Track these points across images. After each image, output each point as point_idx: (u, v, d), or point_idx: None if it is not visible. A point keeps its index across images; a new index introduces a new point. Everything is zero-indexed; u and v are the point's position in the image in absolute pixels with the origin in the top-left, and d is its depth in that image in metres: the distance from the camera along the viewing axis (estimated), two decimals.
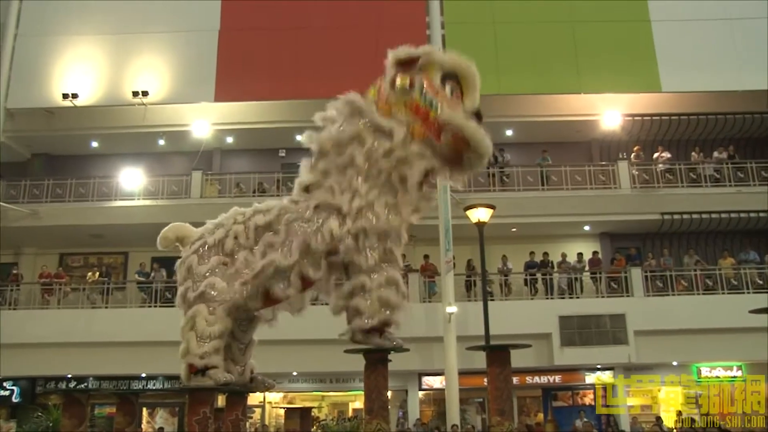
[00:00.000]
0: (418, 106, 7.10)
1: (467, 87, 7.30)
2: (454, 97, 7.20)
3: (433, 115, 7.01)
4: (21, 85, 19.91)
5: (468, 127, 6.96)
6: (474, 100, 7.28)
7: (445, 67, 7.24)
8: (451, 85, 7.25)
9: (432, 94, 7.08)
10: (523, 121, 20.83)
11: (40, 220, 20.12)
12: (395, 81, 7.24)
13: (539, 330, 17.63)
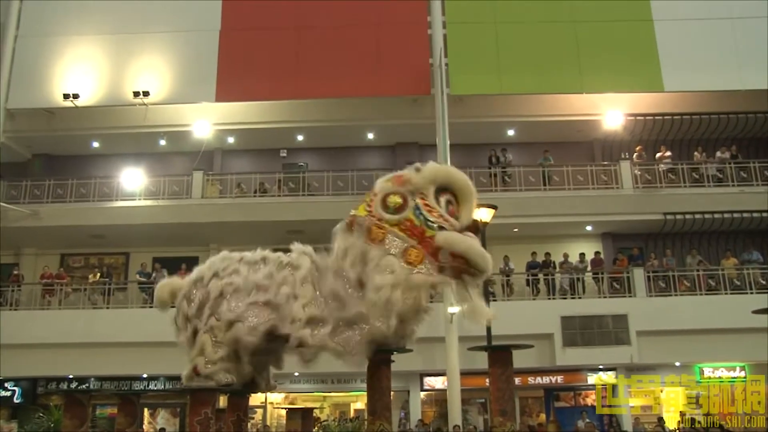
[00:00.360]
0: (413, 225, 6.96)
1: (462, 200, 7.19)
2: (449, 212, 7.10)
3: (429, 234, 6.89)
4: (21, 85, 19.89)
5: (468, 248, 6.86)
6: (470, 213, 7.16)
7: (437, 182, 7.17)
8: (446, 198, 7.17)
9: (426, 212, 6.96)
10: (525, 120, 20.84)
11: (41, 221, 20.12)
12: (386, 201, 7.13)
13: (541, 330, 17.62)
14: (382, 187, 7.26)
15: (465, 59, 19.15)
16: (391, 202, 7.04)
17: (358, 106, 20.30)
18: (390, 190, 7.14)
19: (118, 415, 8.00)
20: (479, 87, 19.22)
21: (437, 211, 6.99)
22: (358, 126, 21.18)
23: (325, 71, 19.20)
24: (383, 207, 7.09)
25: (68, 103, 19.72)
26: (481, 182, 20.17)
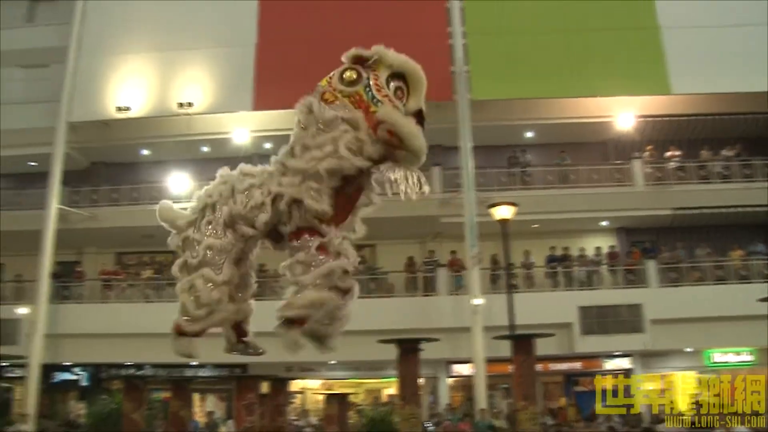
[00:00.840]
0: (361, 99, 6.76)
1: (413, 88, 6.89)
2: (396, 97, 6.83)
3: (372, 110, 6.67)
4: (81, 100, 20.26)
5: (402, 125, 6.56)
6: (417, 100, 6.82)
7: (393, 67, 6.90)
8: (396, 84, 6.88)
9: (375, 90, 6.75)
10: (543, 123, 20.60)
11: (99, 223, 20.51)
12: (343, 74, 6.94)
13: (561, 320, 17.45)
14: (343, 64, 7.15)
15: (485, 66, 19.02)
16: (346, 76, 6.84)
17: None
18: (347, 66, 6.97)
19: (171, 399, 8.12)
20: (499, 92, 19.08)
21: (385, 91, 6.76)
22: None
23: None
24: (339, 79, 6.93)
25: (121, 115, 20.03)
26: (502, 182, 20.08)
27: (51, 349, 18.39)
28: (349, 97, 6.81)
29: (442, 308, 18.18)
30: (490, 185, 19.57)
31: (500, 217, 14.80)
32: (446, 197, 19.31)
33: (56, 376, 20.28)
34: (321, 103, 6.91)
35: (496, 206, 15.03)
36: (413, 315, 17.70)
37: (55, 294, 19.79)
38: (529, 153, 21.11)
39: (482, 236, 17.33)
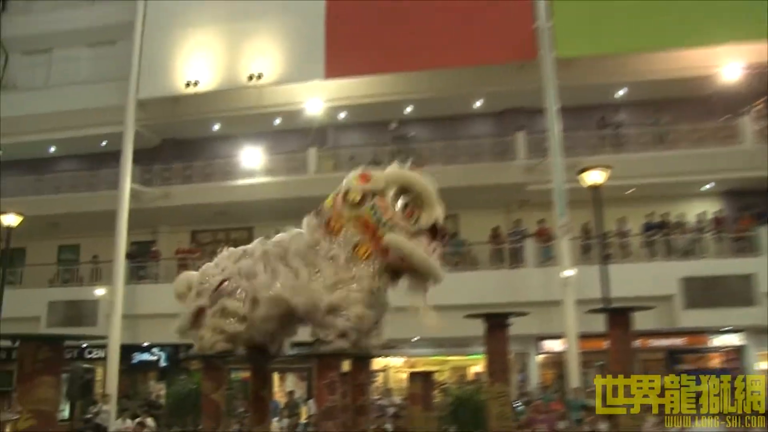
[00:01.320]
0: (368, 222, 7.00)
1: (423, 202, 7.12)
2: (405, 214, 7.05)
3: (380, 233, 6.91)
4: (149, 76, 21.00)
5: (411, 253, 6.82)
6: (430, 214, 7.05)
7: (399, 183, 7.14)
8: (405, 200, 7.14)
9: (381, 211, 6.97)
10: (636, 80, 19.86)
11: (172, 201, 21.31)
12: (346, 196, 7.17)
13: (660, 292, 16.95)
14: (347, 182, 7.37)
15: (571, 21, 18.41)
16: (350, 197, 7.12)
17: (465, 75, 20.03)
18: (351, 187, 7.22)
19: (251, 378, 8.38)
20: (586, 48, 18.47)
21: (391, 212, 7.02)
22: (465, 95, 20.95)
23: (430, 42, 19.04)
24: (343, 201, 7.18)
25: (190, 90, 20.63)
26: (592, 145, 19.56)
27: (129, 329, 19.38)
28: (354, 220, 7.06)
29: (530, 281, 18.02)
30: (580, 149, 19.10)
31: (591, 182, 14.43)
32: (532, 163, 19.03)
33: (135, 356, 21.38)
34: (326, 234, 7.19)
35: (586, 171, 14.66)
36: (500, 289, 17.64)
37: (131, 274, 20.80)
38: (622, 113, 20.44)
39: (572, 204, 16.98)
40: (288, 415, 16.89)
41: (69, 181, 23.11)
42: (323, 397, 7.07)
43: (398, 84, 20.57)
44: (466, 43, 18.99)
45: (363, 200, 7.10)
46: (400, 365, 20.76)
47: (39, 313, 20.40)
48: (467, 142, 20.59)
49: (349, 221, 7.10)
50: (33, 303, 20.44)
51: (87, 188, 22.60)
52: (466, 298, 16.59)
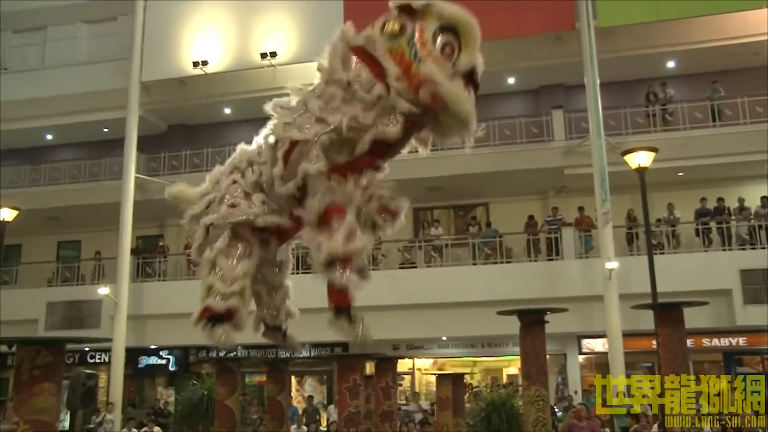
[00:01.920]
0: (404, 54, 6.84)
1: (465, 43, 6.91)
2: (444, 53, 6.83)
3: (414, 68, 6.73)
4: (154, 56, 21.13)
5: (447, 87, 6.62)
6: (470, 58, 6.87)
7: (443, 18, 6.88)
8: (446, 39, 6.88)
9: (419, 46, 6.80)
10: (688, 49, 19.51)
11: None
12: (385, 25, 6.99)
13: (716, 286, 16.73)
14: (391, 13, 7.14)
15: None
16: (389, 27, 6.96)
17: (496, 50, 19.74)
18: (390, 17, 7.04)
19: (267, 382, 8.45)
20: (631, 15, 18.24)
21: (430, 47, 6.83)
22: (497, 71, 20.71)
23: None
24: (381, 31, 7.03)
25: (198, 71, 20.72)
26: (638, 123, 19.36)
27: (135, 331, 19.60)
28: (390, 51, 6.91)
29: (569, 274, 17.92)
30: (624, 128, 18.90)
31: (637, 165, 14.27)
32: (571, 145, 18.88)
33: (142, 360, 21.66)
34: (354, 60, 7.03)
35: (631, 152, 14.50)
36: (536, 283, 17.57)
37: (137, 271, 21.02)
38: (671, 86, 20.15)
39: (615, 189, 16.84)
40: (307, 421, 17.03)
41: (68, 172, 23.32)
42: (345, 402, 7.13)
43: None
44: (496, 14, 18.80)
45: (402, 31, 7.13)
46: (428, 367, 20.81)
47: (37, 315, 20.69)
48: (499, 122, 20.44)
49: (385, 51, 7.13)
50: (30, 304, 20.71)
51: (88, 179, 22.82)
52: (498, 293, 16.61)
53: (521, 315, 7.57)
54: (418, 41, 6.80)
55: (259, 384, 18.61)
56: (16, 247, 23.88)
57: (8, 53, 24.59)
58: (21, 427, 4.86)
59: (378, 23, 7.03)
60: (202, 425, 14.36)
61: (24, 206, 18.71)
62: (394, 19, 6.94)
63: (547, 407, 7.43)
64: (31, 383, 4.93)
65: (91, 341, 16.67)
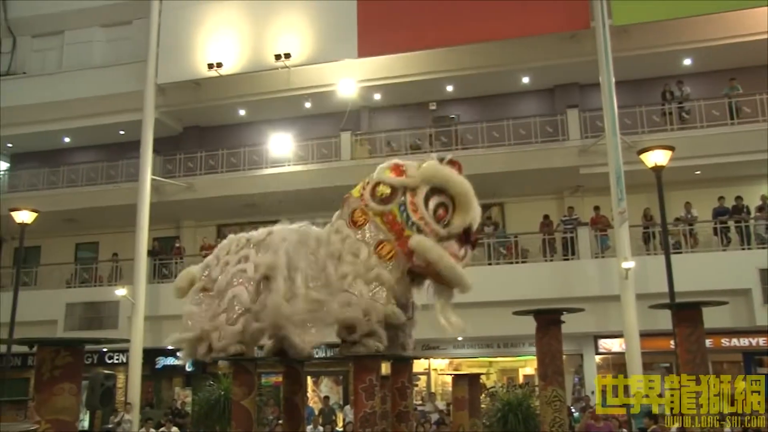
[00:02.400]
0: (395, 219, 7.10)
1: (458, 206, 7.20)
2: (437, 216, 7.13)
3: (407, 234, 7.01)
4: (169, 58, 21.24)
5: (437, 259, 6.95)
6: (463, 219, 7.16)
7: (434, 182, 7.17)
8: (438, 200, 7.17)
9: (411, 211, 7.05)
10: (705, 46, 19.36)
11: (196, 193, 21.58)
12: (375, 189, 7.28)
13: (735, 285, 16.60)
14: (378, 173, 7.48)
15: None
16: (379, 191, 7.24)
17: (510, 49, 19.85)
18: (382, 179, 7.33)
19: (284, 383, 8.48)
20: (647, 13, 18.14)
21: (421, 212, 7.10)
22: (512, 70, 20.75)
23: (471, 14, 18.91)
24: (371, 195, 7.28)
25: (213, 73, 20.82)
26: (654, 121, 19.24)
27: (152, 332, 19.72)
28: (381, 216, 7.19)
29: (585, 274, 17.85)
30: (639, 127, 18.80)
31: (653, 163, 14.18)
32: (586, 144, 18.82)
33: (159, 361, 21.81)
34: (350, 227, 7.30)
35: (647, 151, 14.41)
36: (551, 283, 17.53)
37: (153, 273, 21.16)
38: (688, 84, 20.02)
39: (631, 188, 16.78)
40: (323, 422, 17.07)
41: (85, 174, 23.54)
42: (361, 402, 7.14)
43: (437, 61, 20.48)
44: (511, 13, 18.83)
45: (393, 195, 7.21)
46: (444, 367, 20.79)
47: (56, 316, 20.91)
48: (514, 122, 20.41)
49: (376, 216, 7.18)
50: (49, 305, 20.95)
51: (105, 181, 23.02)
52: (514, 293, 16.57)
53: (537, 315, 7.56)
54: (409, 206, 7.06)
55: (276, 384, 18.65)
56: (35, 248, 24.17)
57: (27, 57, 24.85)
58: (42, 426, 4.91)
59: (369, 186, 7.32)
60: (219, 425, 14.42)
61: (43, 208, 18.86)
62: (384, 184, 7.23)
63: (564, 407, 7.41)
64: (51, 383, 4.98)
65: (109, 342, 16.79)
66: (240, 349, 7.71)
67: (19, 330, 16.89)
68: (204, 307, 7.94)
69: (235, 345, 7.70)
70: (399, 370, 8.62)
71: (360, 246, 7.20)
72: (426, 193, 7.20)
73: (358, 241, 7.23)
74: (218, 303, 7.83)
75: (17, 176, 24.51)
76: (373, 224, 7.23)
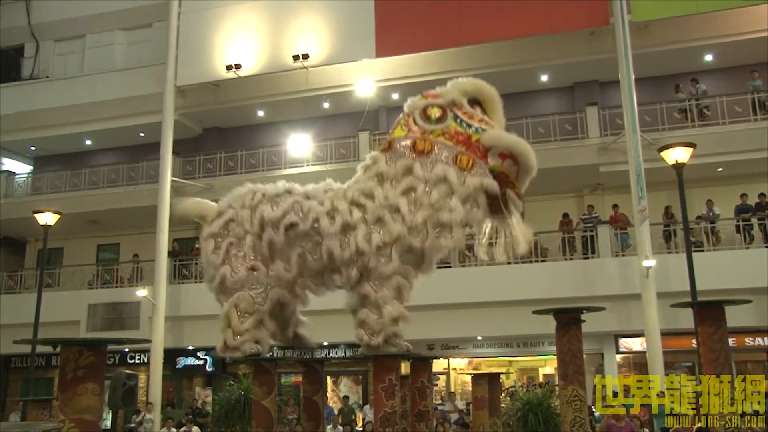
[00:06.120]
0: (458, 132, 7.28)
1: (491, 110, 7.55)
2: (486, 119, 7.45)
3: (475, 138, 7.20)
4: (188, 61, 21.39)
5: (516, 143, 7.21)
6: (501, 120, 7.51)
7: (468, 93, 7.54)
8: (479, 109, 7.55)
9: (468, 119, 7.30)
10: (726, 41, 19.14)
11: (216, 194, 21.48)
12: (426, 112, 7.47)
13: (759, 284, 16.29)
14: (417, 103, 7.67)
15: None
16: (431, 113, 7.43)
17: (529, 47, 19.79)
18: (427, 103, 7.53)
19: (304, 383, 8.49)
20: (666, 9, 17.98)
21: (477, 116, 7.39)
22: (531, 68, 20.67)
23: (489, 12, 18.89)
24: (424, 119, 7.44)
25: (231, 74, 20.93)
26: (675, 118, 19.09)
27: (173, 332, 19.87)
28: (443, 135, 7.32)
29: (605, 272, 17.74)
30: (660, 124, 18.66)
31: (674, 161, 14.08)
32: (606, 142, 18.71)
33: (180, 361, 21.96)
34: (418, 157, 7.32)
35: (668, 149, 14.31)
36: (571, 281, 17.45)
37: (174, 273, 21.30)
38: (707, 80, 19.85)
39: (651, 186, 16.66)
40: (343, 422, 17.11)
41: (107, 176, 23.77)
42: (380, 402, 7.14)
43: (455, 60, 20.42)
44: (529, 11, 18.75)
45: (444, 113, 7.37)
46: (464, 367, 20.77)
47: (79, 317, 21.09)
48: (533, 120, 20.32)
49: (439, 136, 7.28)
50: (72, 306, 21.16)
51: (126, 183, 23.24)
52: (534, 292, 16.52)
53: (557, 314, 7.53)
54: (463, 116, 7.33)
55: (296, 384, 18.72)
56: (58, 250, 24.44)
57: (50, 61, 25.14)
58: (66, 425, 4.97)
59: (415, 114, 7.55)
60: (239, 425, 14.51)
61: (65, 210, 19.11)
62: (432, 106, 7.45)
63: (585, 407, 7.38)
64: (75, 383, 5.04)
65: (131, 342, 16.97)
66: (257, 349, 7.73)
67: (43, 330, 17.08)
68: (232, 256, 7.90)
69: (251, 342, 7.69)
70: (418, 369, 8.63)
71: (441, 166, 7.25)
72: (468, 103, 7.53)
73: (437, 165, 7.25)
74: None
75: (40, 179, 24.80)
76: (439, 144, 7.29)
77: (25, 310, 18.37)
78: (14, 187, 24.72)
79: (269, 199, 7.88)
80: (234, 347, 7.77)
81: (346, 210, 7.44)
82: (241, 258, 7.79)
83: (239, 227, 7.91)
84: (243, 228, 7.88)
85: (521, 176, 7.38)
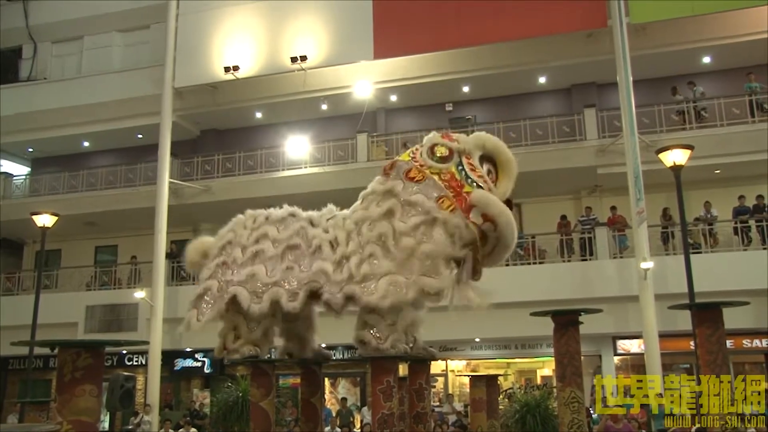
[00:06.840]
0: (454, 178, 7.34)
1: (503, 173, 7.59)
2: (489, 179, 7.46)
3: (466, 191, 7.23)
4: (186, 63, 21.37)
5: (500, 212, 7.13)
6: (508, 187, 7.53)
7: (486, 149, 7.58)
8: (487, 167, 7.56)
9: (469, 170, 7.36)
10: (724, 43, 19.19)
11: (214, 196, 21.69)
12: (434, 149, 7.57)
13: (757, 285, 16.36)
14: (431, 138, 7.78)
15: None
16: (437, 151, 7.52)
17: (527, 49, 19.81)
18: (438, 141, 7.62)
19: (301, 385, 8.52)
20: (664, 11, 18.02)
21: (480, 171, 7.42)
22: (528, 70, 20.71)
23: (487, 14, 18.90)
24: (429, 154, 7.54)
25: (229, 76, 20.93)
26: (673, 120, 19.12)
27: (171, 334, 19.83)
28: (438, 174, 7.40)
29: (603, 274, 17.76)
30: (658, 126, 18.69)
31: (672, 163, 14.10)
32: (604, 144, 18.73)
33: (178, 363, 21.97)
34: (406, 181, 7.45)
35: (666, 150, 14.33)
36: (569, 283, 17.46)
37: (172, 275, 21.28)
38: (705, 82, 19.88)
39: (649, 187, 16.68)
40: (341, 423, 17.10)
41: (104, 178, 23.76)
42: (378, 403, 7.15)
43: (454, 61, 20.47)
44: (527, 13, 18.78)
45: (450, 156, 7.46)
46: (462, 369, 20.76)
47: (76, 319, 21.08)
48: (531, 122, 20.37)
49: (434, 174, 7.32)
50: (70, 308, 21.16)
51: (124, 184, 23.21)
52: (532, 294, 16.51)
53: (555, 316, 7.56)
54: (467, 165, 7.38)
55: (294, 386, 18.71)
56: (56, 252, 24.42)
57: (48, 63, 25.14)
58: (64, 427, 4.97)
59: (424, 148, 7.63)
60: (237, 427, 14.50)
61: (63, 212, 19.05)
62: (442, 145, 7.53)
63: (583, 409, 7.40)
64: (73, 385, 5.04)
65: (128, 344, 16.96)
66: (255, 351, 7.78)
67: (41, 332, 17.06)
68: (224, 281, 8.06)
69: (249, 345, 7.81)
70: (416, 371, 8.64)
71: (420, 196, 7.38)
72: (478, 158, 7.56)
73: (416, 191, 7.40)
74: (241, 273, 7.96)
75: (38, 180, 24.80)
76: (431, 180, 7.34)
77: (23, 311, 18.35)
78: (12, 189, 24.71)
79: (273, 222, 8.06)
80: (232, 350, 7.80)
81: (344, 240, 7.71)
82: (228, 273, 8.04)
83: (235, 248, 8.20)
84: (240, 245, 8.21)
85: (497, 249, 7.42)
